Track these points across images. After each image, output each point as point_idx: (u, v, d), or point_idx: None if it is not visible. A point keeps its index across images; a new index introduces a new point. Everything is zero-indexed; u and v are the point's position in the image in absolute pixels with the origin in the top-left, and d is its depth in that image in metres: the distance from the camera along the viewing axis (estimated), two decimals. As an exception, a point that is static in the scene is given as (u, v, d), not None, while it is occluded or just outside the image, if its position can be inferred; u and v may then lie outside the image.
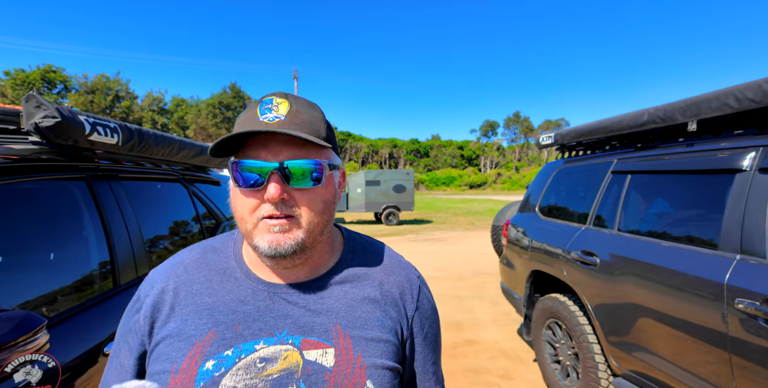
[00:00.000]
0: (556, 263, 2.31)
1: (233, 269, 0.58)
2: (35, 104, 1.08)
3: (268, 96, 0.53)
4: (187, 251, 0.61)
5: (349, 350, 0.53)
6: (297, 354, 0.52)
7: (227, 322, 0.53)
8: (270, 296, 0.55)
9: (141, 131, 1.49)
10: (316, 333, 0.53)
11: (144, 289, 0.58)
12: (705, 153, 1.61)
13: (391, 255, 0.65)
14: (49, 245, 1.14)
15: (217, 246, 0.62)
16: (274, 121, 0.50)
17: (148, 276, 0.60)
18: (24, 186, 1.10)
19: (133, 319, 0.56)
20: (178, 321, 0.53)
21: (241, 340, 0.52)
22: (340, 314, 0.55)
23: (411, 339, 0.60)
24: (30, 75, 30.29)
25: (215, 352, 0.51)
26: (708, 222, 1.53)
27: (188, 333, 0.52)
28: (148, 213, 1.58)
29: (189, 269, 0.58)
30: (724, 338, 1.31)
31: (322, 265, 0.59)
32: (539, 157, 63.43)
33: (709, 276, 1.40)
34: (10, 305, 0.95)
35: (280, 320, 0.53)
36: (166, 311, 0.54)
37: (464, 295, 4.70)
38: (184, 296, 0.55)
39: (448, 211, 18.71)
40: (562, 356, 2.32)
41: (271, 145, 0.50)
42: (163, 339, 0.53)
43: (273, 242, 0.50)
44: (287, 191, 0.50)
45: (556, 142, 2.68)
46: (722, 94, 1.51)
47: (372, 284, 0.59)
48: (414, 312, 0.60)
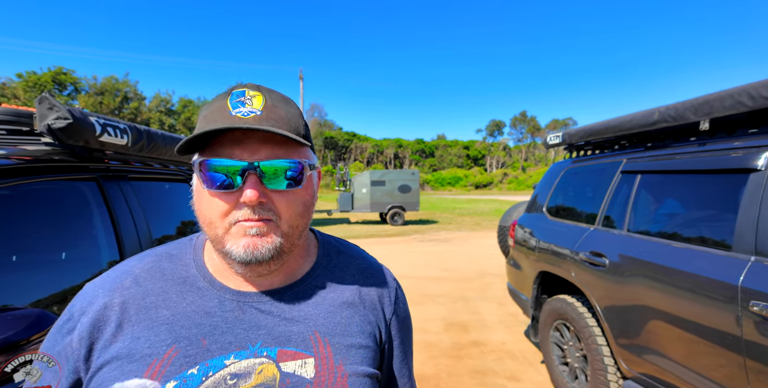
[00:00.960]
0: (563, 264, 2.29)
1: (194, 277, 0.52)
2: (48, 106, 1.10)
3: (238, 87, 0.47)
4: (135, 260, 0.54)
5: (329, 359, 0.50)
6: (273, 367, 0.47)
7: (190, 336, 0.47)
8: (239, 306, 0.50)
9: (149, 132, 1.50)
10: (294, 343, 0.49)
11: (78, 306, 0.50)
12: (718, 152, 1.58)
13: (366, 258, 0.63)
14: (61, 245, 1.16)
15: (173, 253, 0.55)
16: (249, 116, 0.45)
17: (83, 290, 0.52)
18: (37, 186, 1.12)
19: (63, 342, 0.48)
20: (127, 340, 0.46)
21: (208, 356, 0.46)
22: (318, 320, 0.52)
23: (389, 343, 0.58)
24: (41, 77, 30.86)
25: (177, 371, 0.45)
26: (721, 223, 1.51)
27: (141, 352, 0.45)
28: (156, 213, 1.60)
29: (140, 279, 0.51)
30: (739, 342, 1.28)
31: (297, 270, 0.55)
32: (546, 156, 62.93)
33: (722, 278, 1.37)
34: (24, 303, 0.96)
35: (252, 332, 0.49)
36: (111, 330, 0.47)
37: (470, 296, 4.67)
38: (136, 311, 0.48)
39: (454, 211, 18.65)
40: (570, 358, 2.30)
41: (246, 142, 0.45)
42: (108, 362, 0.45)
43: (249, 246, 0.45)
44: (265, 193, 0.46)
45: (564, 142, 2.65)
46: (736, 92, 1.48)
47: (350, 287, 0.57)
48: (392, 315, 0.58)
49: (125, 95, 35.65)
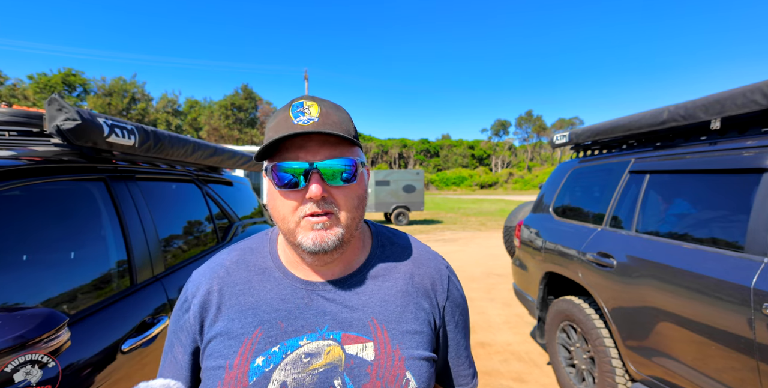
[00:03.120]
0: (570, 265, 2.26)
1: (271, 268, 0.60)
2: (57, 107, 1.11)
3: (297, 99, 0.55)
4: (225, 253, 0.64)
5: (387, 344, 0.55)
6: (339, 349, 0.54)
7: (271, 320, 0.55)
8: (308, 294, 0.57)
9: (156, 133, 1.51)
10: (355, 328, 0.55)
11: (190, 290, 0.61)
12: (730, 152, 1.55)
13: (418, 247, 0.67)
14: (70, 244, 1.17)
15: (253, 247, 0.64)
16: (309, 123, 0.51)
17: (192, 278, 0.62)
18: (47, 187, 1.13)
19: (184, 318, 0.59)
20: (225, 320, 0.56)
21: (286, 337, 0.54)
22: (375, 308, 0.57)
23: (444, 328, 0.62)
24: (51, 79, 31.35)
25: (263, 349, 0.54)
26: (733, 224, 1.48)
27: (237, 331, 0.55)
28: (163, 213, 1.61)
29: (230, 270, 0.61)
30: (751, 345, 1.26)
31: (355, 261, 0.61)
32: (552, 156, 62.45)
33: (734, 280, 1.34)
34: (35, 302, 0.98)
35: (319, 317, 0.56)
36: (214, 311, 0.57)
37: (476, 296, 4.65)
38: (229, 297, 0.58)
39: (459, 211, 18.57)
40: (577, 359, 2.28)
41: (308, 146, 0.53)
42: (214, 337, 0.56)
43: (317, 238, 0.52)
44: (326, 189, 0.53)
45: (571, 141, 2.62)
46: (748, 90, 1.45)
47: (403, 277, 0.61)
48: (445, 301, 0.62)
49: (133, 96, 36.08)
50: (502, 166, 67.91)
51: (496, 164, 68.98)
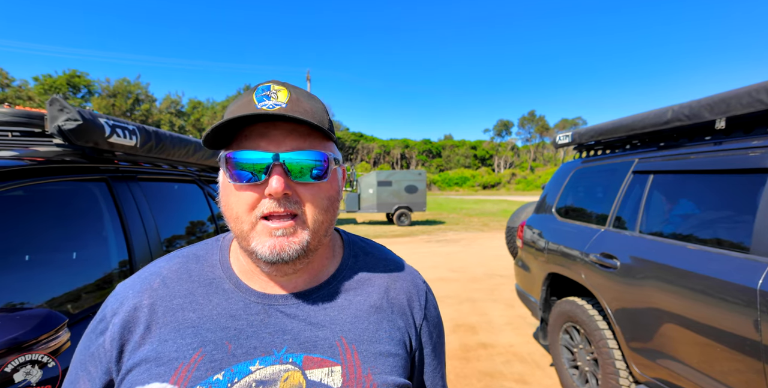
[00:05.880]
0: (573, 266, 2.25)
1: (220, 279, 0.51)
2: (59, 107, 1.11)
3: (263, 83, 0.47)
4: (164, 260, 0.54)
5: (357, 367, 0.47)
6: (299, 375, 0.45)
7: (216, 340, 0.46)
8: (265, 309, 0.49)
9: (158, 133, 1.52)
10: (320, 349, 0.47)
11: (110, 306, 0.49)
12: (735, 152, 1.53)
13: (394, 259, 0.60)
14: (72, 245, 1.18)
15: (200, 254, 0.54)
16: (275, 108, 0.44)
17: (115, 291, 0.51)
18: (49, 187, 1.14)
19: (97, 343, 0.48)
20: (155, 342, 0.46)
21: (233, 361, 0.45)
22: (345, 326, 0.49)
23: (420, 350, 0.55)
24: (56, 80, 31.59)
25: (203, 376, 0.44)
26: (738, 224, 1.46)
27: (169, 356, 0.45)
28: (165, 213, 1.61)
29: (168, 281, 0.50)
30: (757, 347, 1.24)
31: (323, 271, 0.53)
32: (555, 156, 62.19)
33: (740, 281, 1.33)
34: (36, 302, 0.98)
35: (277, 336, 0.47)
36: (140, 332, 0.46)
37: (478, 297, 4.63)
38: (163, 313, 0.47)
39: (461, 212, 18.54)
40: (580, 361, 2.26)
41: (271, 134, 0.45)
42: (137, 365, 0.45)
43: (276, 247, 0.44)
44: (290, 186, 0.45)
45: (574, 142, 2.61)
46: (754, 89, 1.43)
47: (377, 290, 0.54)
48: (422, 321, 0.55)
49: (137, 97, 36.29)
50: (505, 167, 67.74)
51: (499, 165, 68.81)
